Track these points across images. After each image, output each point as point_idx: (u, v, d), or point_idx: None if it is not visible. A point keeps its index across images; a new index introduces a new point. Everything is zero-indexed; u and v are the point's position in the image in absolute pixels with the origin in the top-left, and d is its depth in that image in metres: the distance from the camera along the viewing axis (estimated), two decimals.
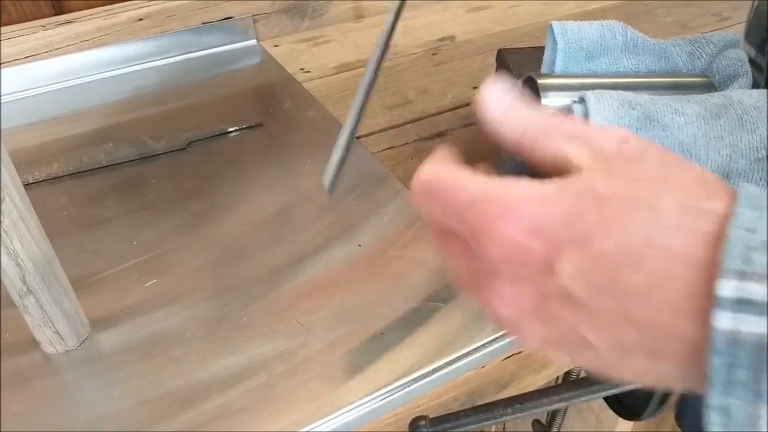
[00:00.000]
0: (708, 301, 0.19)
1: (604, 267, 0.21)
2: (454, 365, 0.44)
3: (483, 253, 0.23)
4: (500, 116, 0.26)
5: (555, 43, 0.48)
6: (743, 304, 0.18)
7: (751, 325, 0.18)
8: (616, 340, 0.22)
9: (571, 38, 0.48)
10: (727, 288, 0.19)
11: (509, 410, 0.43)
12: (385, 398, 0.42)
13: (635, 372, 0.22)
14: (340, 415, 0.41)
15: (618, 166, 0.22)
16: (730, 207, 0.20)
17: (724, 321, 0.18)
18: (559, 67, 0.49)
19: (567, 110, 0.45)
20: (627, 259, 0.21)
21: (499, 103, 0.26)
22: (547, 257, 0.22)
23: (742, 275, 0.18)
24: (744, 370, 0.18)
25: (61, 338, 0.44)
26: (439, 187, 0.25)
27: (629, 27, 0.50)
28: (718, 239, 0.19)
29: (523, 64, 0.57)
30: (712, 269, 0.19)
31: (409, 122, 0.71)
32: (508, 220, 0.22)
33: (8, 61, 0.72)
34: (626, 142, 0.23)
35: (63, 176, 0.62)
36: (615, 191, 0.21)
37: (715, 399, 0.19)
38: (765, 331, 0.18)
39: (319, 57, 0.84)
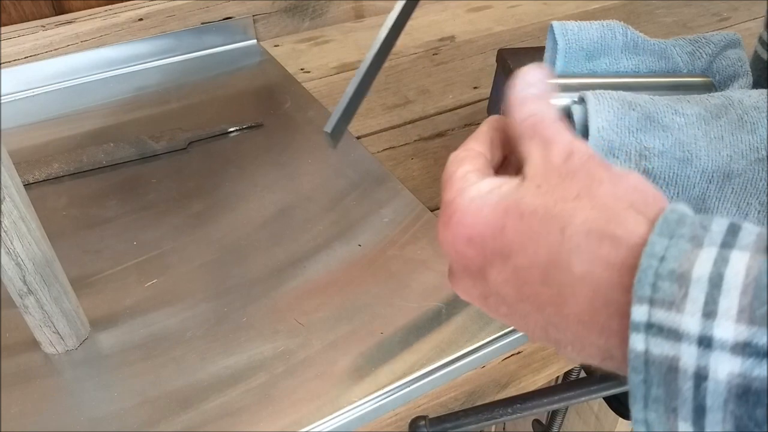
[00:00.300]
0: (613, 318, 0.22)
1: (521, 278, 0.24)
2: (454, 365, 0.44)
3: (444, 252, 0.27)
4: (516, 102, 0.28)
5: (555, 43, 0.48)
6: (653, 328, 0.20)
7: (661, 348, 0.20)
8: (546, 336, 0.25)
9: (572, 38, 0.48)
10: (638, 313, 0.20)
11: (509, 410, 0.43)
12: (385, 398, 0.42)
13: (574, 359, 0.25)
14: (340, 415, 0.41)
15: (551, 182, 0.24)
16: (646, 232, 0.21)
17: (637, 343, 0.20)
18: (559, 67, 0.49)
19: (567, 110, 0.45)
20: (537, 274, 0.23)
21: (525, 89, 0.28)
22: (481, 264, 0.25)
23: (652, 301, 0.20)
24: (659, 387, 0.20)
25: (62, 338, 0.44)
26: (445, 174, 0.28)
27: (629, 27, 0.50)
28: (619, 264, 0.21)
29: (523, 64, 0.57)
30: (612, 291, 0.21)
31: (409, 122, 0.71)
32: (450, 228, 0.26)
33: (8, 61, 0.72)
34: (571, 156, 0.25)
35: (63, 176, 0.62)
36: (535, 210, 0.24)
37: (637, 412, 0.21)
38: (671, 353, 0.19)
39: (320, 57, 0.84)
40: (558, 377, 0.63)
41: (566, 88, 0.46)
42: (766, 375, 0.18)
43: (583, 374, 0.63)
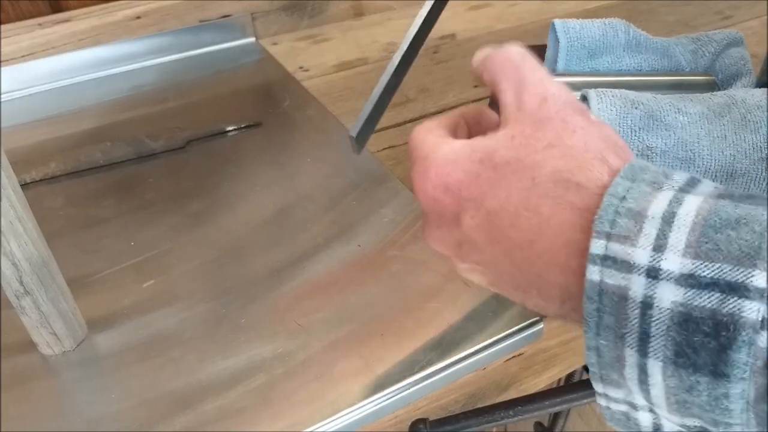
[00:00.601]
0: (573, 257, 0.23)
1: (493, 222, 0.26)
2: (455, 367, 0.44)
3: (418, 201, 0.29)
4: (497, 55, 0.29)
5: (557, 41, 0.48)
6: (608, 260, 0.21)
7: (614, 278, 0.21)
8: (513, 281, 0.27)
9: (574, 36, 0.48)
10: (596, 246, 0.22)
11: (510, 413, 0.43)
12: (385, 400, 0.42)
13: (539, 308, 0.27)
14: (339, 417, 0.41)
15: (525, 132, 0.26)
16: (609, 180, 0.23)
17: (593, 273, 0.22)
18: (561, 65, 0.48)
19: None
20: (508, 218, 0.25)
21: (510, 53, 0.29)
22: (455, 210, 0.27)
23: (609, 236, 0.22)
24: (610, 316, 0.22)
25: (59, 339, 0.44)
26: (411, 143, 0.30)
27: (632, 25, 0.49)
28: (583, 208, 0.23)
29: None
30: (574, 232, 0.23)
31: (410, 121, 0.70)
32: (427, 177, 0.28)
33: (5, 60, 0.72)
34: (545, 101, 0.26)
35: (60, 176, 0.61)
36: (508, 160, 0.25)
37: (590, 340, 0.22)
38: (623, 284, 0.21)
39: (319, 55, 0.83)
40: (560, 379, 0.62)
41: (568, 87, 0.46)
42: (705, 304, 0.19)
43: (585, 376, 0.63)
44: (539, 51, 0.52)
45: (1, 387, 0.43)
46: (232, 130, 0.67)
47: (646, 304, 0.21)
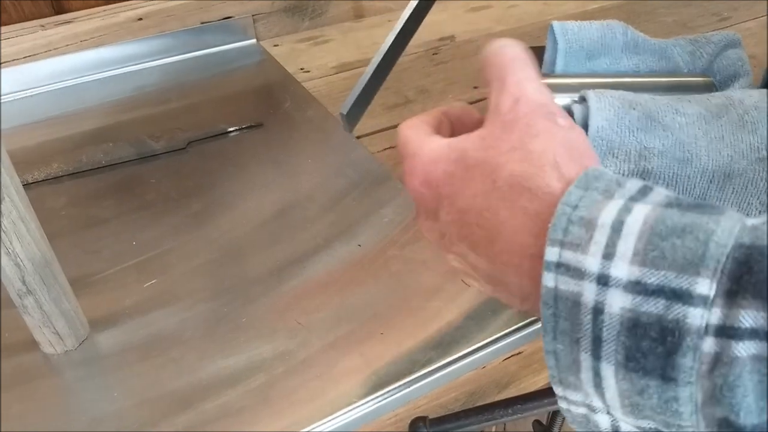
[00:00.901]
0: (525, 259, 0.25)
1: (463, 219, 0.27)
2: (455, 366, 0.44)
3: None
4: (490, 50, 0.30)
5: (555, 42, 0.48)
6: (561, 267, 0.22)
7: (567, 285, 0.22)
8: (482, 275, 0.28)
9: (572, 38, 0.48)
10: (550, 254, 0.22)
11: (510, 411, 0.43)
12: (385, 399, 0.42)
13: (507, 302, 0.28)
14: (339, 415, 0.41)
15: (494, 134, 0.27)
16: (560, 189, 0.24)
17: (548, 280, 0.22)
18: (559, 67, 0.49)
19: (567, 110, 0.45)
20: (474, 216, 0.26)
21: (500, 49, 0.30)
22: (435, 206, 0.29)
23: (562, 244, 0.22)
24: (565, 321, 0.22)
25: (61, 339, 0.44)
26: (399, 140, 0.31)
27: (630, 27, 0.50)
28: (533, 214, 0.24)
29: None
30: (527, 236, 0.24)
31: None
32: (413, 173, 0.29)
33: (7, 61, 0.72)
34: (517, 103, 0.27)
35: (62, 176, 0.62)
36: (477, 161, 0.27)
37: (547, 344, 0.23)
38: (576, 290, 0.22)
39: (319, 56, 0.83)
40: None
41: (567, 88, 0.46)
42: (652, 311, 0.20)
43: None
44: (538, 52, 0.52)
45: (3, 386, 0.43)
46: (233, 131, 0.68)
47: (598, 310, 0.21)
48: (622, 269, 0.21)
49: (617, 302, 0.21)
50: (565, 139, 0.25)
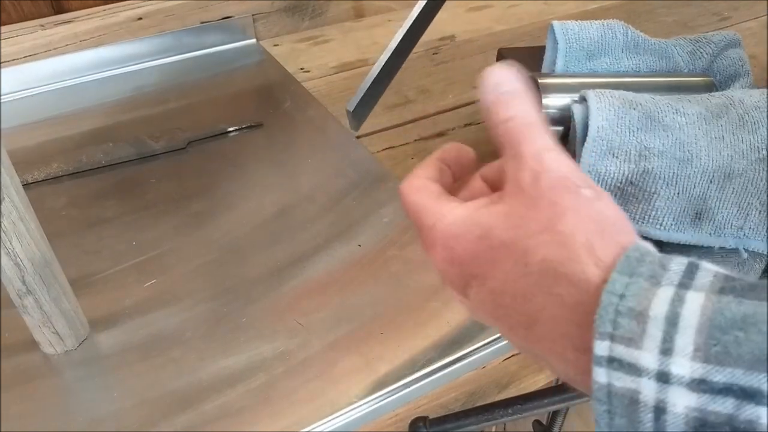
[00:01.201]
0: (569, 350, 0.23)
1: (495, 301, 0.26)
2: (455, 365, 0.44)
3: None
4: (491, 104, 0.28)
5: (556, 42, 0.48)
6: (614, 363, 0.21)
7: (622, 381, 0.21)
8: (525, 352, 0.27)
9: (572, 38, 0.48)
10: (600, 348, 0.21)
11: (510, 411, 0.43)
12: (385, 399, 0.42)
13: (554, 375, 0.26)
14: (339, 415, 0.41)
15: (518, 211, 0.25)
16: (597, 276, 0.23)
17: (600, 375, 0.21)
18: (559, 67, 0.48)
19: (567, 110, 0.45)
20: (508, 299, 0.25)
21: (497, 89, 0.28)
22: (461, 283, 0.28)
23: (612, 337, 0.21)
24: (621, 417, 0.21)
25: (61, 339, 0.44)
26: (408, 207, 0.30)
27: (630, 26, 0.50)
28: (573, 303, 0.23)
29: (523, 64, 0.57)
30: (569, 326, 0.23)
31: (409, 122, 0.70)
32: (433, 248, 0.28)
33: (7, 61, 0.72)
34: (539, 178, 0.25)
35: (62, 176, 0.62)
36: (503, 241, 0.25)
37: None
38: (632, 386, 0.21)
39: (319, 56, 0.83)
40: (558, 378, 0.63)
41: (567, 88, 0.46)
42: (720, 410, 0.19)
43: None
44: (538, 52, 0.52)
45: (3, 386, 0.43)
46: (233, 131, 0.68)
47: (660, 409, 0.20)
48: (683, 366, 0.20)
49: (681, 401, 0.20)
50: (594, 213, 0.24)
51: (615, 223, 0.24)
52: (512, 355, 0.47)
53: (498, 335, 0.46)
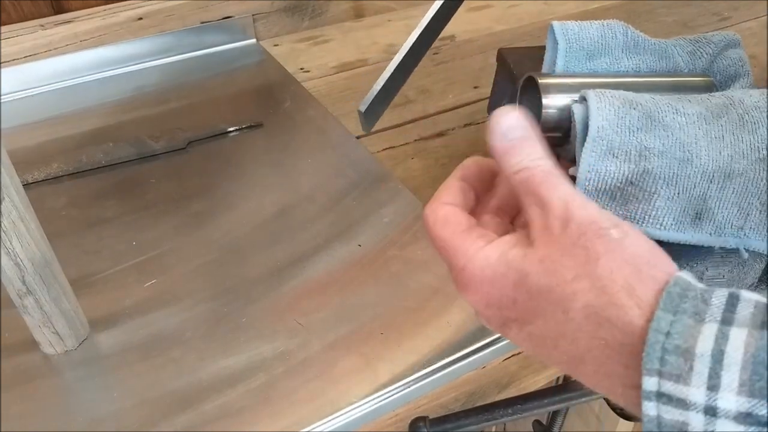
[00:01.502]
0: (617, 386, 0.24)
1: (536, 342, 0.27)
2: (455, 366, 0.44)
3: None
4: (503, 152, 0.28)
5: (556, 42, 0.48)
6: (663, 397, 0.22)
7: (671, 414, 0.22)
8: (573, 374, 0.27)
9: (572, 38, 0.48)
10: (649, 383, 0.22)
11: (510, 411, 0.43)
12: (385, 399, 0.42)
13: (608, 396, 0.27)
14: (339, 415, 0.41)
15: (553, 257, 0.26)
16: (639, 317, 0.24)
17: (650, 409, 0.22)
18: (559, 67, 0.48)
19: (567, 110, 0.45)
20: (550, 342, 0.26)
21: (505, 137, 0.28)
22: (499, 323, 0.28)
23: (660, 374, 0.22)
24: None
25: (61, 339, 0.44)
26: (432, 234, 0.30)
27: (630, 26, 0.50)
28: (618, 345, 0.24)
29: (523, 64, 0.57)
30: (614, 365, 0.24)
31: (410, 122, 0.70)
32: (468, 293, 0.29)
33: (7, 61, 0.72)
34: (569, 224, 0.26)
35: (62, 176, 0.62)
36: (540, 288, 0.26)
37: None
38: (681, 419, 0.22)
39: (319, 56, 0.83)
40: (558, 377, 0.63)
41: (567, 88, 0.46)
42: None
43: None
44: (539, 52, 0.52)
45: (3, 386, 0.43)
46: (233, 131, 0.68)
47: None
48: (729, 401, 0.21)
49: None
50: (627, 255, 0.25)
51: (648, 260, 0.25)
52: (512, 355, 0.47)
53: (498, 335, 0.46)
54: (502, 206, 0.32)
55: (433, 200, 0.31)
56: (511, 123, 0.28)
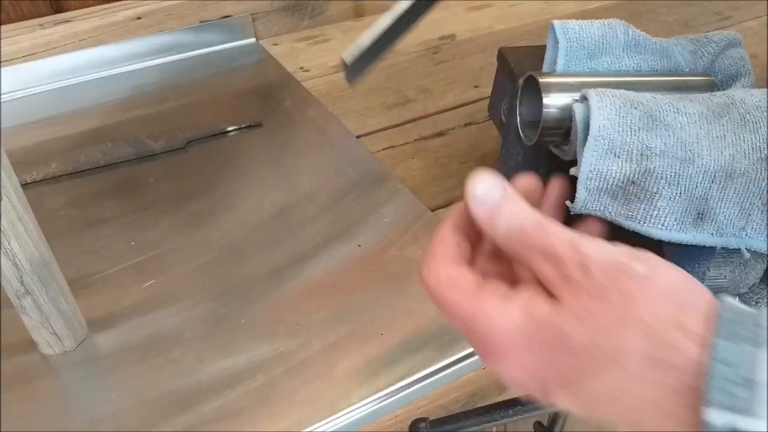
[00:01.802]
0: (680, 427, 0.23)
1: (587, 403, 0.25)
2: (455, 366, 0.44)
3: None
4: (487, 218, 0.27)
5: (556, 41, 0.48)
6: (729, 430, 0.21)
7: None
8: (633, 428, 0.26)
9: (573, 37, 0.48)
10: (713, 416, 0.22)
11: (510, 412, 0.43)
12: (385, 400, 0.42)
13: None
14: (339, 416, 0.41)
15: (587, 308, 0.24)
16: (696, 353, 0.23)
17: None
18: (560, 66, 0.48)
19: (568, 109, 0.44)
20: (603, 399, 0.25)
21: (483, 204, 0.27)
22: (542, 392, 0.26)
23: (725, 407, 0.21)
24: None
25: (59, 339, 0.44)
26: (438, 299, 0.27)
27: (631, 26, 0.49)
28: (679, 386, 0.23)
29: (524, 63, 0.57)
30: (677, 407, 0.23)
31: (409, 121, 0.70)
32: (498, 364, 0.26)
33: (6, 60, 0.72)
34: (587, 268, 0.24)
35: (61, 176, 0.62)
36: (585, 346, 0.24)
37: None
38: None
39: (319, 56, 0.83)
40: None
41: (568, 87, 0.46)
42: None
43: None
44: (539, 52, 0.52)
45: (3, 386, 0.43)
46: (232, 131, 0.68)
47: None
48: None
49: None
50: (661, 287, 0.24)
51: (684, 288, 0.24)
52: None
53: None
54: (497, 248, 0.30)
55: (430, 259, 0.28)
56: (486, 186, 0.27)
